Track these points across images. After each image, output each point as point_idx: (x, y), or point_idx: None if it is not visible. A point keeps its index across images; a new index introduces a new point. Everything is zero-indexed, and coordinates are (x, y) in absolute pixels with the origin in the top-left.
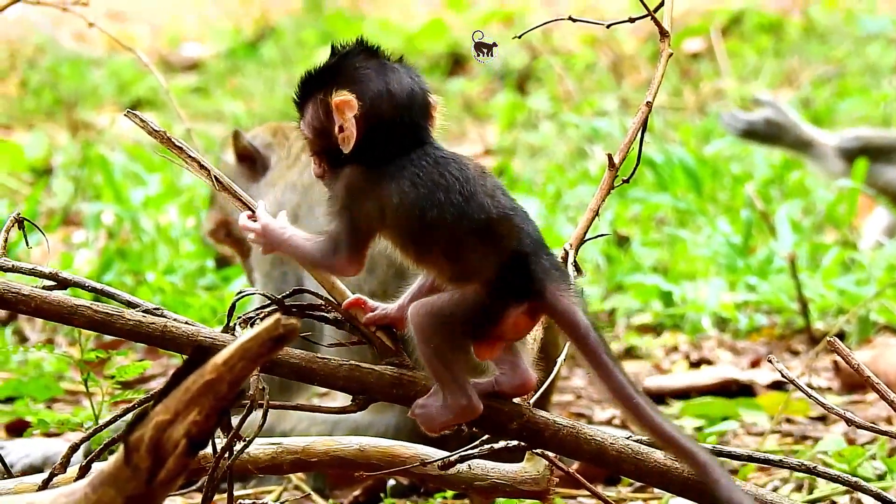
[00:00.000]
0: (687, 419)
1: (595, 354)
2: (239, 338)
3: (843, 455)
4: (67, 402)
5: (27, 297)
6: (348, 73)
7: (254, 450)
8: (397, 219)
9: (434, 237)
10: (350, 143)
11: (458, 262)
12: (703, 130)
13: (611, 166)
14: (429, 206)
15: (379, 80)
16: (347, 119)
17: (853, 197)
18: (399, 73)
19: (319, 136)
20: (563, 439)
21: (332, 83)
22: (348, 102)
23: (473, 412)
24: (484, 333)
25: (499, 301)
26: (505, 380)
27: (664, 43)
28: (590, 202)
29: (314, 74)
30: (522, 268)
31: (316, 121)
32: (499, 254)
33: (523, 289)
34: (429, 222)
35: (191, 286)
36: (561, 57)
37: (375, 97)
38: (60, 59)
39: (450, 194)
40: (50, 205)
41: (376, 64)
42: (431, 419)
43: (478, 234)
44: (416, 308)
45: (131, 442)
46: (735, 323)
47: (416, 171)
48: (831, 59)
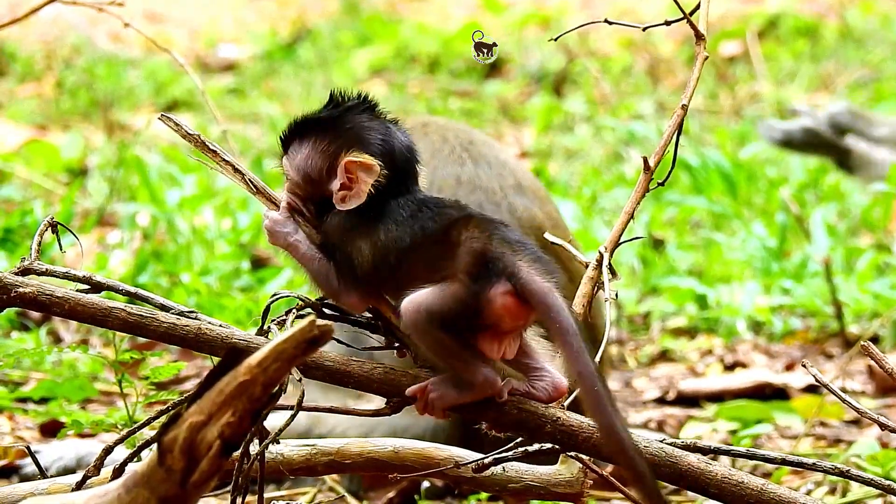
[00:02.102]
0: (721, 422)
1: (566, 336)
2: (273, 339)
3: (877, 458)
4: (102, 403)
5: (61, 299)
6: (358, 133)
7: (288, 451)
8: (379, 253)
9: (412, 259)
10: (353, 203)
11: (435, 269)
12: (738, 134)
13: (646, 169)
14: (405, 235)
15: (387, 144)
16: (361, 181)
17: (888, 201)
18: (398, 134)
19: (310, 183)
20: (597, 442)
21: (342, 140)
22: (369, 166)
23: (492, 386)
24: (478, 323)
25: (480, 286)
26: (539, 385)
27: (700, 46)
28: (625, 205)
29: (315, 122)
30: (493, 255)
31: (312, 169)
32: (465, 245)
33: (499, 272)
34: (405, 248)
35: (226, 288)
36: (597, 60)
37: (394, 162)
38: (96, 60)
39: (423, 221)
40: (85, 205)
41: (380, 124)
42: (444, 396)
43: (446, 235)
44: (407, 304)
45: (165, 443)
46: (770, 326)
47: (401, 210)
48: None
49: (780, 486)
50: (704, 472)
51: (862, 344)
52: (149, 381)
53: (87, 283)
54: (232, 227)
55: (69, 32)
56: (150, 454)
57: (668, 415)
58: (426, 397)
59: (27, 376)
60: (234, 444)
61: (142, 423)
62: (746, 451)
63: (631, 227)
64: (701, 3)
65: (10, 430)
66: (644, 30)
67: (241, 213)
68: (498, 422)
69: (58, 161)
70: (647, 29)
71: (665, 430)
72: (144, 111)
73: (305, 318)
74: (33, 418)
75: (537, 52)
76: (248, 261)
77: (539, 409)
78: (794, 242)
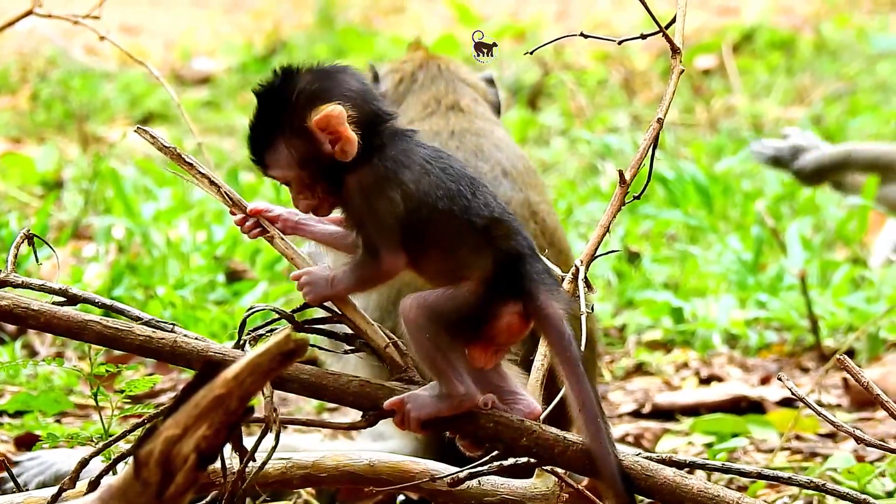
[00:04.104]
0: (697, 435)
1: (573, 366)
2: (249, 353)
3: (853, 472)
4: (77, 416)
5: (37, 312)
6: (308, 92)
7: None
8: (413, 206)
9: (440, 228)
10: (353, 146)
11: (457, 257)
12: (714, 147)
13: (622, 182)
14: (441, 195)
15: (336, 84)
16: (341, 127)
17: (863, 214)
18: (343, 71)
19: (309, 164)
20: (572, 456)
21: (295, 110)
22: (334, 113)
23: (471, 400)
24: (477, 333)
25: (493, 299)
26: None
27: (676, 59)
28: (601, 218)
29: (263, 122)
30: (517, 269)
31: (298, 153)
32: (496, 253)
33: (517, 289)
34: (440, 211)
35: (201, 300)
36: (573, 73)
37: (349, 97)
38: (72, 72)
39: (460, 186)
40: (60, 218)
41: (321, 74)
42: (422, 408)
43: (479, 231)
44: (409, 301)
45: (141, 456)
46: (745, 340)
47: (424, 160)
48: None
49: (756, 500)
50: (680, 485)
51: (838, 357)
52: (124, 395)
53: (63, 296)
54: (207, 239)
55: (44, 45)
56: (126, 467)
57: (643, 428)
58: (403, 410)
59: (2, 389)
60: (209, 457)
61: (117, 436)
62: (722, 465)
63: (607, 241)
64: (677, 17)
65: None
66: (620, 43)
67: (217, 226)
68: (475, 435)
69: (33, 174)
70: (623, 42)
71: (641, 444)
72: (120, 124)
73: (281, 332)
74: (8, 431)
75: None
76: (224, 274)
77: (515, 422)
78: (769, 256)
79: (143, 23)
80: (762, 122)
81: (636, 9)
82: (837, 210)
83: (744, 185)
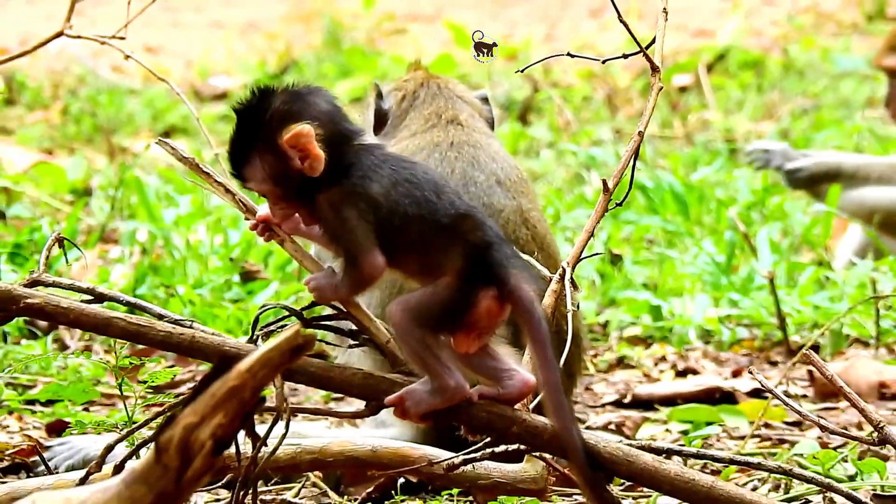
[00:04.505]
0: (674, 424)
1: (541, 346)
2: (261, 347)
3: (817, 458)
4: (103, 405)
5: (66, 309)
6: (281, 112)
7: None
8: (385, 216)
9: (413, 232)
10: (320, 163)
11: (431, 255)
12: (690, 158)
13: (605, 191)
14: (409, 202)
15: (307, 105)
16: (310, 145)
17: (828, 220)
18: (312, 92)
19: (281, 179)
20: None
21: (268, 128)
22: (303, 132)
23: (462, 393)
24: (461, 322)
25: (470, 288)
26: (509, 384)
27: (655, 78)
28: (586, 224)
29: (240, 140)
30: (488, 257)
31: (270, 169)
32: (466, 245)
33: (490, 276)
34: (409, 217)
35: (218, 299)
36: (560, 90)
37: (319, 117)
38: (99, 89)
39: (424, 192)
40: (89, 223)
41: (292, 95)
42: (419, 403)
43: (448, 228)
44: (394, 307)
45: (161, 442)
46: (719, 335)
47: (390, 172)
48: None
49: (728, 483)
50: (658, 470)
51: (804, 352)
52: (147, 385)
53: (91, 294)
54: (223, 242)
55: (74, 64)
56: (148, 452)
57: (625, 417)
58: (403, 405)
59: (35, 380)
60: (225, 444)
61: (140, 423)
62: (697, 452)
63: (591, 244)
64: (656, 38)
65: (18, 429)
66: (603, 62)
67: (232, 231)
68: (469, 424)
69: (64, 182)
70: (606, 62)
71: (622, 432)
72: (143, 136)
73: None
74: (40, 419)
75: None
76: (239, 274)
77: (507, 411)
78: (741, 258)
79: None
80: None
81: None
82: (803, 216)
83: (717, 194)
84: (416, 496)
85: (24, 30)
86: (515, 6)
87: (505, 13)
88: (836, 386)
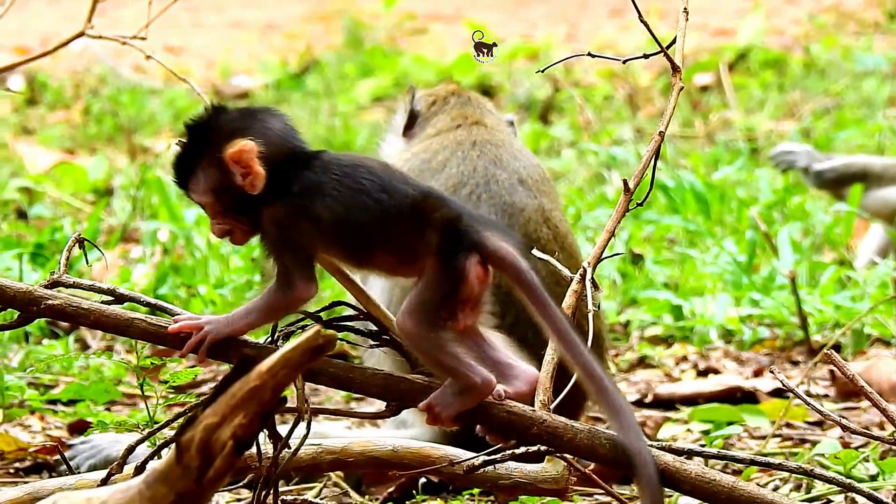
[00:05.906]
0: (695, 423)
1: (536, 294)
2: (282, 348)
3: (839, 458)
4: (125, 405)
5: (86, 311)
6: (226, 128)
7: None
8: (332, 232)
9: (374, 231)
10: (260, 181)
11: (405, 245)
12: (711, 158)
13: (626, 190)
14: (357, 211)
15: (256, 122)
16: (252, 162)
17: (849, 219)
18: (267, 112)
19: (222, 194)
20: (579, 443)
21: (214, 142)
22: (246, 148)
23: (489, 387)
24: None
25: (454, 260)
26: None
27: (676, 77)
28: (607, 223)
29: (187, 152)
30: (461, 227)
31: (212, 182)
32: (435, 223)
33: (468, 243)
34: (363, 225)
35: (239, 299)
36: (581, 89)
37: (266, 135)
38: (121, 89)
39: (372, 195)
40: (110, 223)
41: (245, 113)
42: (449, 406)
43: (412, 215)
44: (401, 316)
45: (182, 443)
46: (740, 335)
47: (332, 185)
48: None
49: (749, 484)
50: (679, 470)
51: (825, 352)
52: (168, 385)
53: (112, 295)
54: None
55: (96, 64)
56: (169, 453)
57: (646, 416)
58: (433, 410)
59: (57, 380)
60: (246, 444)
61: (162, 423)
62: (718, 452)
63: (612, 244)
64: (677, 38)
65: (41, 429)
66: (624, 62)
67: None
68: (489, 424)
69: (85, 182)
70: (627, 62)
71: (644, 432)
72: (164, 136)
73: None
74: (62, 419)
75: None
76: (260, 274)
77: (527, 412)
78: (762, 258)
79: (185, 43)
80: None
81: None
82: (825, 216)
83: (739, 193)
84: (437, 496)
85: (45, 30)
86: (536, 6)
87: (525, 13)
88: (857, 385)
